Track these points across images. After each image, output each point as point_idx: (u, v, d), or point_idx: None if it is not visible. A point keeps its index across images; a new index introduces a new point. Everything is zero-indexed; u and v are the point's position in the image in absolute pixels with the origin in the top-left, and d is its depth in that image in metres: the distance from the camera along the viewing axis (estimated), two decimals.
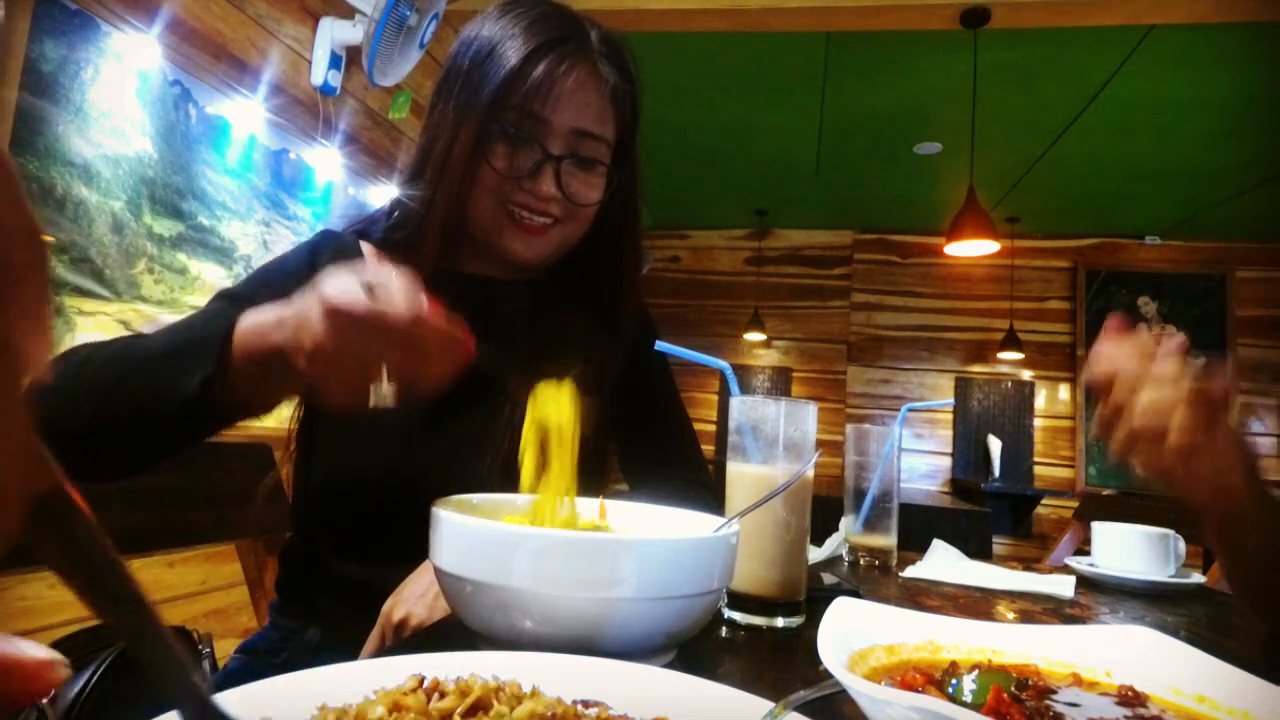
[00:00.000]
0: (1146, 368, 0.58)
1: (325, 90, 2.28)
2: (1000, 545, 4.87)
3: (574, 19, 0.80)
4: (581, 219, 0.83)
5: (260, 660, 0.81)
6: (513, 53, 0.75)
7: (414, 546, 0.63)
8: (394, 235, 0.84)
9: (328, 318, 0.50)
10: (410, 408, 0.82)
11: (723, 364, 0.77)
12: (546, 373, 0.63)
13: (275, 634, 0.83)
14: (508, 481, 0.63)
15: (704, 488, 0.95)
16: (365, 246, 0.86)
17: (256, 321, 0.57)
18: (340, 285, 0.51)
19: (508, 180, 0.77)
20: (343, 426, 0.81)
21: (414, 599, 0.64)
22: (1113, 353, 0.60)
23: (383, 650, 0.63)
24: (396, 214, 0.84)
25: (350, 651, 0.65)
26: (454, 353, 0.54)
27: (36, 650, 0.27)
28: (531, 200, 0.78)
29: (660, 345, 0.80)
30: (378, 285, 0.50)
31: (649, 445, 0.99)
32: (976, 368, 5.42)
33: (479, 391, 0.85)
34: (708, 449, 5.91)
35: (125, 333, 1.69)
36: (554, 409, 0.60)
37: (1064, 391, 5.28)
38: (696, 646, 0.56)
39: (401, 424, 0.81)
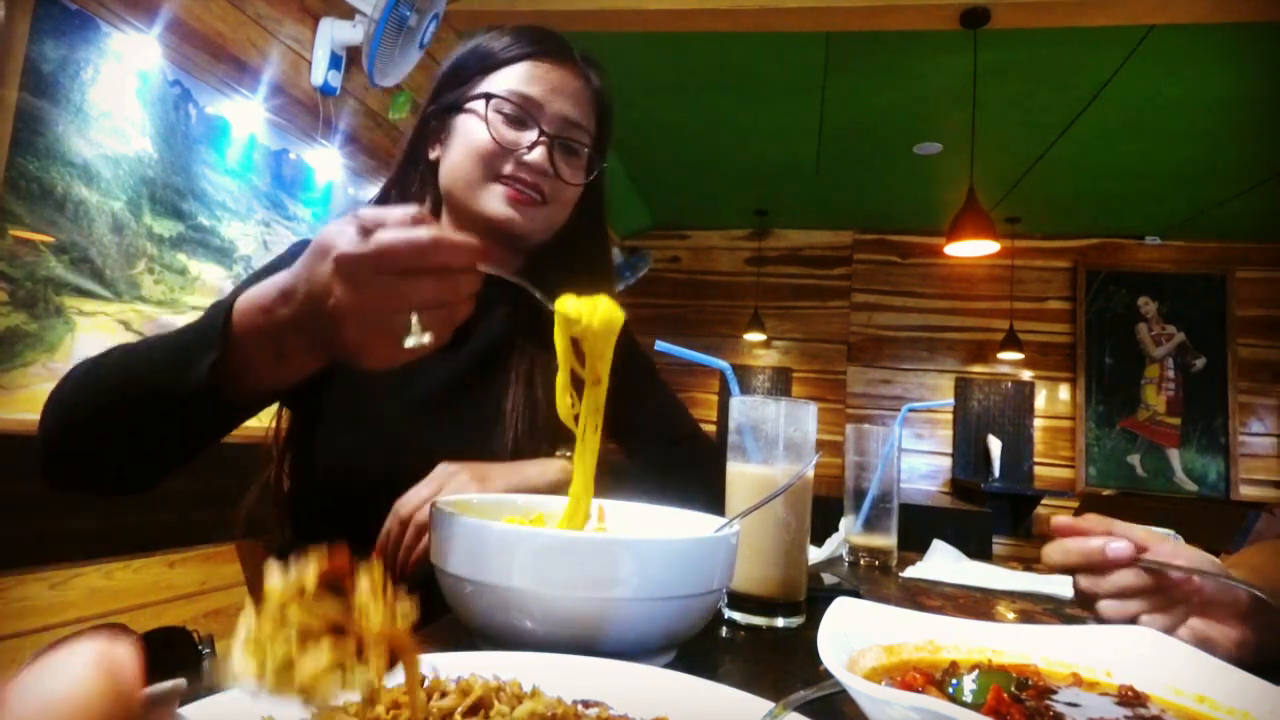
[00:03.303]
0: (1098, 572, 0.59)
1: (325, 90, 2.28)
2: (1000, 545, 4.86)
3: (554, 32, 0.90)
4: (564, 202, 0.89)
5: None
6: (507, 51, 0.85)
7: None
8: None
9: (340, 272, 0.48)
10: (416, 391, 0.84)
11: (723, 364, 0.77)
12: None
13: None
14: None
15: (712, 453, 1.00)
16: None
17: (257, 299, 0.54)
18: (341, 234, 0.48)
19: (506, 154, 0.84)
20: (345, 415, 0.83)
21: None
22: (1062, 558, 0.61)
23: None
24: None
25: None
26: (472, 261, 0.50)
27: (154, 691, 0.28)
28: (526, 174, 0.84)
29: (660, 345, 0.80)
30: (375, 223, 0.48)
31: (650, 428, 1.00)
32: (976, 368, 5.41)
33: (485, 375, 0.87)
34: None
35: (126, 334, 1.69)
36: (587, 311, 0.55)
37: (1064, 392, 5.27)
38: (696, 646, 0.56)
39: (405, 410, 0.84)
